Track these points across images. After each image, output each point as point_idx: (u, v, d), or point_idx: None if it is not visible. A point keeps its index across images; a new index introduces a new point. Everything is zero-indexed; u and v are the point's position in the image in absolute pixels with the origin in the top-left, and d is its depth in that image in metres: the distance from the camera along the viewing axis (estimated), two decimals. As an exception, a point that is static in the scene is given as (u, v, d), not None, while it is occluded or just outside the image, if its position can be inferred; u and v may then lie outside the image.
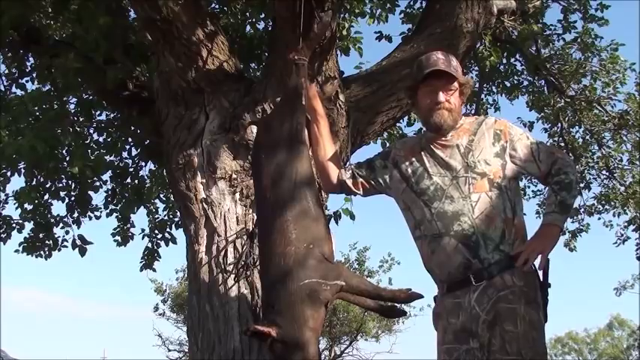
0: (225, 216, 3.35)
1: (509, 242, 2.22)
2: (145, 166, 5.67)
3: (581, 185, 7.35)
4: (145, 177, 5.85)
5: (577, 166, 7.16)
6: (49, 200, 5.36)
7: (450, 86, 2.33)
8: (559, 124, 6.91)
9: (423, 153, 2.38)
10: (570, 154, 7.04)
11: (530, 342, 2.11)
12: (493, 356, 2.09)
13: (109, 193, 5.60)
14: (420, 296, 2.37)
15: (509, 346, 2.09)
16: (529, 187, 7.54)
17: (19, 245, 5.46)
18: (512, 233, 2.23)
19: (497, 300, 2.14)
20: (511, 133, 2.34)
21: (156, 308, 16.27)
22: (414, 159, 2.39)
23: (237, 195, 3.39)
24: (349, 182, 2.54)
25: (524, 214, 2.38)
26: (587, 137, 7.04)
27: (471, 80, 2.46)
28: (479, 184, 2.25)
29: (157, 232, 6.07)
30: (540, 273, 2.25)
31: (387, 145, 5.62)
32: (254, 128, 3.36)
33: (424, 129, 2.54)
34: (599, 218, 7.66)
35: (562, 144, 7.02)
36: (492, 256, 2.19)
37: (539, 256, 2.21)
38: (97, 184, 5.44)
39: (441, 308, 2.29)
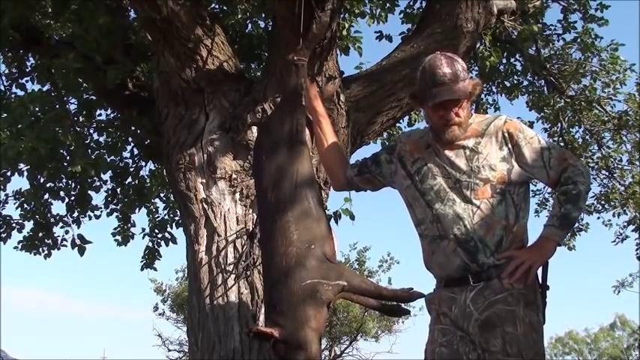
0: (225, 216, 3.35)
1: (505, 249, 2.19)
2: (145, 166, 5.69)
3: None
4: (145, 177, 5.87)
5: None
6: (49, 200, 5.37)
7: (460, 101, 2.24)
8: (559, 124, 6.90)
9: (428, 151, 2.33)
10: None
11: (531, 343, 2.10)
12: (494, 357, 2.08)
13: (110, 192, 5.61)
14: (422, 295, 2.35)
15: (509, 348, 2.08)
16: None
17: (19, 243, 5.48)
18: (509, 240, 2.20)
19: (494, 302, 2.13)
20: (520, 136, 2.24)
21: (156, 308, 16.28)
22: (418, 156, 2.35)
23: (237, 195, 3.40)
24: (357, 179, 2.53)
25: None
26: (587, 137, 7.02)
27: (479, 82, 2.34)
28: (481, 190, 2.20)
29: (157, 231, 6.08)
30: (540, 275, 2.23)
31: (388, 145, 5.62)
32: (254, 128, 3.38)
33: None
34: (599, 217, 7.66)
35: (562, 144, 7.01)
36: (492, 261, 2.17)
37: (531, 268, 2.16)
38: (97, 183, 5.46)
39: (434, 295, 2.29)
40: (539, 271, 2.23)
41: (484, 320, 2.12)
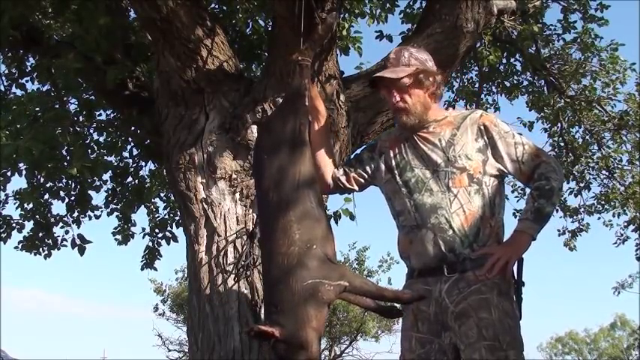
0: (225, 216, 3.35)
1: (482, 242, 2.21)
2: (145, 166, 5.69)
3: (581, 185, 7.36)
4: (145, 177, 5.87)
5: (577, 166, 7.16)
6: (49, 200, 5.37)
7: (399, 84, 2.31)
8: (559, 124, 6.91)
9: (407, 144, 2.38)
10: (570, 154, 7.05)
11: (507, 328, 2.11)
12: (473, 347, 2.08)
13: (110, 192, 5.61)
14: (423, 297, 2.34)
15: (485, 332, 2.08)
16: (527, 188, 7.45)
17: (19, 243, 5.48)
18: (487, 234, 2.22)
19: (468, 294, 2.14)
20: (494, 129, 2.29)
21: (156, 308, 16.29)
22: (397, 150, 2.39)
23: (237, 195, 3.40)
24: (342, 179, 2.56)
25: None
26: (587, 137, 7.04)
27: (434, 72, 2.34)
28: (458, 178, 2.24)
29: (157, 230, 6.08)
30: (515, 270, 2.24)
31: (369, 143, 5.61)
32: (254, 128, 3.37)
33: None
34: (599, 218, 7.66)
35: (562, 144, 7.02)
36: (467, 252, 2.19)
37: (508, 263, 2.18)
38: (97, 183, 5.46)
39: (409, 290, 2.30)
40: (515, 267, 2.23)
41: (459, 312, 2.14)
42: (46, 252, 5.56)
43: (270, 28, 4.58)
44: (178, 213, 5.68)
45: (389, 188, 2.39)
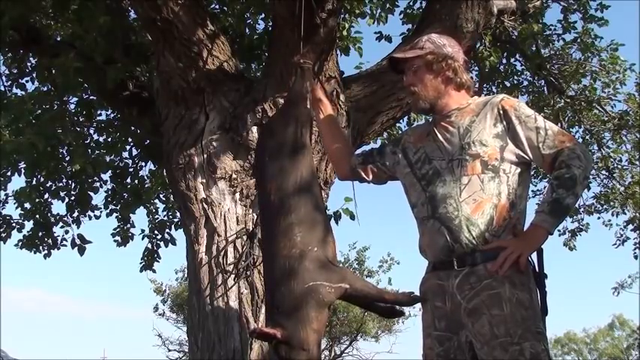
0: (225, 216, 3.35)
1: (494, 231, 2.12)
2: (145, 166, 5.69)
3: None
4: (145, 177, 5.87)
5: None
6: (49, 199, 5.37)
7: (410, 66, 2.33)
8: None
9: (428, 137, 2.32)
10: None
11: (519, 320, 2.02)
12: (488, 345, 2.03)
13: (109, 193, 5.61)
14: (423, 299, 2.30)
15: (497, 330, 2.02)
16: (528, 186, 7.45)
17: (19, 242, 5.48)
18: (502, 224, 2.12)
19: (480, 290, 2.07)
20: (514, 113, 2.18)
21: (156, 308, 16.31)
22: (420, 145, 2.34)
23: (237, 195, 3.40)
24: (360, 168, 2.54)
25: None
26: (587, 137, 7.03)
27: (442, 50, 2.30)
28: (471, 165, 2.15)
29: (156, 232, 6.07)
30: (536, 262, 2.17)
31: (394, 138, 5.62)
32: (254, 128, 3.37)
33: None
34: (599, 218, 7.66)
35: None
36: (477, 242, 2.10)
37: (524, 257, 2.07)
38: (97, 184, 5.46)
39: (426, 287, 2.26)
40: (535, 259, 2.16)
41: (471, 309, 2.08)
42: (46, 252, 5.57)
43: (269, 28, 4.58)
44: (177, 215, 5.68)
45: (407, 180, 2.34)
